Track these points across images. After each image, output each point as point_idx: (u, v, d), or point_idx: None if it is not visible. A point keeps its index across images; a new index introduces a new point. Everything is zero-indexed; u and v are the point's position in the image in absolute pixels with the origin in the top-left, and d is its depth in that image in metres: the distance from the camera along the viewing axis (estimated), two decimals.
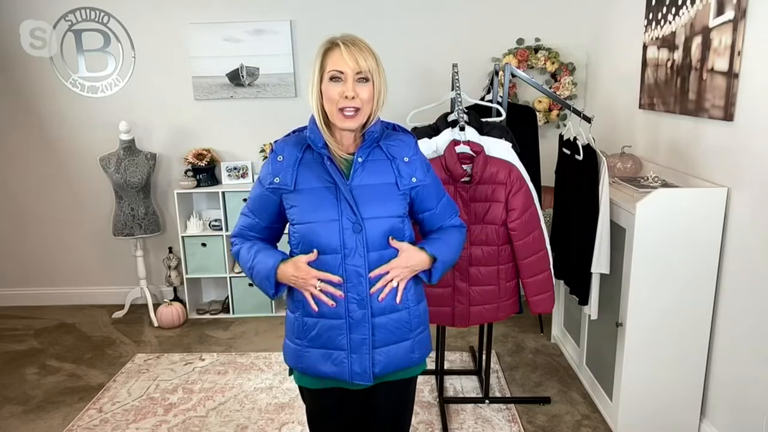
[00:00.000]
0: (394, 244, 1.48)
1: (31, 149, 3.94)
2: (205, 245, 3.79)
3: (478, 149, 2.25)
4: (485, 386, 2.75)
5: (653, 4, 2.75)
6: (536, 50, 3.68)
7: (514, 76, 2.83)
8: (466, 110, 2.39)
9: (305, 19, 3.72)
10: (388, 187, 1.49)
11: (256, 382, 3.00)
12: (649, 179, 2.50)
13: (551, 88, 3.70)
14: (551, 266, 2.43)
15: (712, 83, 2.25)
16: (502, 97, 2.77)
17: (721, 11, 2.18)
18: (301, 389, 1.64)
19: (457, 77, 2.53)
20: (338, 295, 1.45)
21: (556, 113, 3.75)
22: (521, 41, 3.71)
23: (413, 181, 1.51)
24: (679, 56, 2.51)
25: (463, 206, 2.30)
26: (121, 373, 3.14)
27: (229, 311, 3.88)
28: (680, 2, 2.47)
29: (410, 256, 1.49)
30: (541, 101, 3.74)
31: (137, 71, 3.81)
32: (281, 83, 3.79)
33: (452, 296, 2.38)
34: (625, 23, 3.17)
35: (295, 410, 2.72)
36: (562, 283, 3.02)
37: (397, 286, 1.49)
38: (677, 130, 2.59)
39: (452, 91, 2.59)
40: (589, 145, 2.48)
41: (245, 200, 3.68)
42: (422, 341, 1.57)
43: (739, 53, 2.08)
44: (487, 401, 2.74)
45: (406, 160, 1.51)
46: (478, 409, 2.72)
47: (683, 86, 2.48)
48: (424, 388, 2.89)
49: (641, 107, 2.93)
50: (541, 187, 2.97)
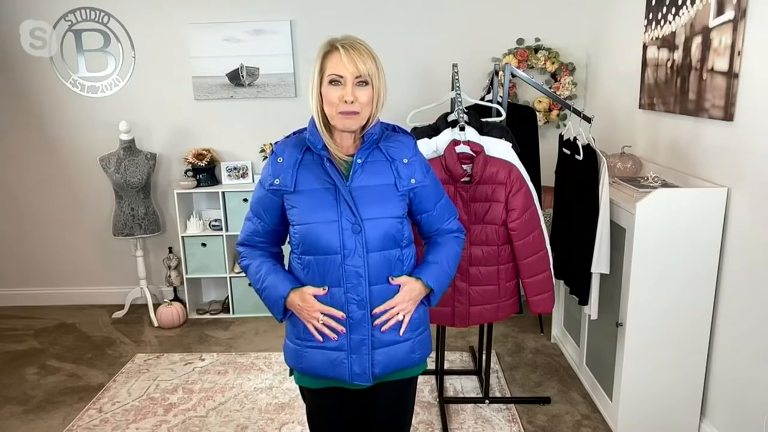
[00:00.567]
0: (394, 282, 1.49)
1: (31, 149, 3.94)
2: (205, 245, 3.79)
3: (478, 149, 2.25)
4: (485, 386, 2.75)
5: (653, 4, 2.75)
6: (536, 50, 3.68)
7: (514, 76, 2.83)
8: (466, 110, 2.38)
9: (305, 19, 3.72)
10: (387, 188, 1.49)
11: (256, 382, 3.00)
12: (649, 179, 2.50)
13: (551, 88, 3.70)
14: (551, 266, 2.43)
15: (712, 83, 2.25)
16: (502, 97, 2.76)
17: (721, 11, 2.18)
18: (301, 389, 1.64)
19: (457, 77, 2.52)
20: (340, 330, 1.47)
21: (556, 113, 3.75)
22: (521, 41, 3.71)
23: (412, 182, 1.51)
24: (679, 56, 2.51)
25: (463, 206, 2.30)
26: (121, 373, 3.14)
27: (229, 311, 3.88)
28: (680, 2, 2.47)
29: (412, 288, 1.51)
30: (541, 101, 3.74)
31: (137, 71, 3.81)
32: (281, 83, 3.79)
33: (452, 296, 2.38)
34: (625, 23, 3.16)
35: (295, 410, 2.73)
36: (562, 283, 3.02)
37: (402, 318, 1.51)
38: (677, 130, 2.59)
39: (452, 91, 2.59)
40: (589, 145, 2.48)
41: (245, 200, 3.74)
42: (422, 341, 1.58)
43: (739, 53, 2.08)
44: (487, 401, 2.74)
45: (405, 161, 1.51)
46: (478, 409, 2.72)
47: (683, 86, 2.48)
48: (424, 388, 2.89)
49: (641, 107, 2.93)
50: (541, 187, 2.97)
